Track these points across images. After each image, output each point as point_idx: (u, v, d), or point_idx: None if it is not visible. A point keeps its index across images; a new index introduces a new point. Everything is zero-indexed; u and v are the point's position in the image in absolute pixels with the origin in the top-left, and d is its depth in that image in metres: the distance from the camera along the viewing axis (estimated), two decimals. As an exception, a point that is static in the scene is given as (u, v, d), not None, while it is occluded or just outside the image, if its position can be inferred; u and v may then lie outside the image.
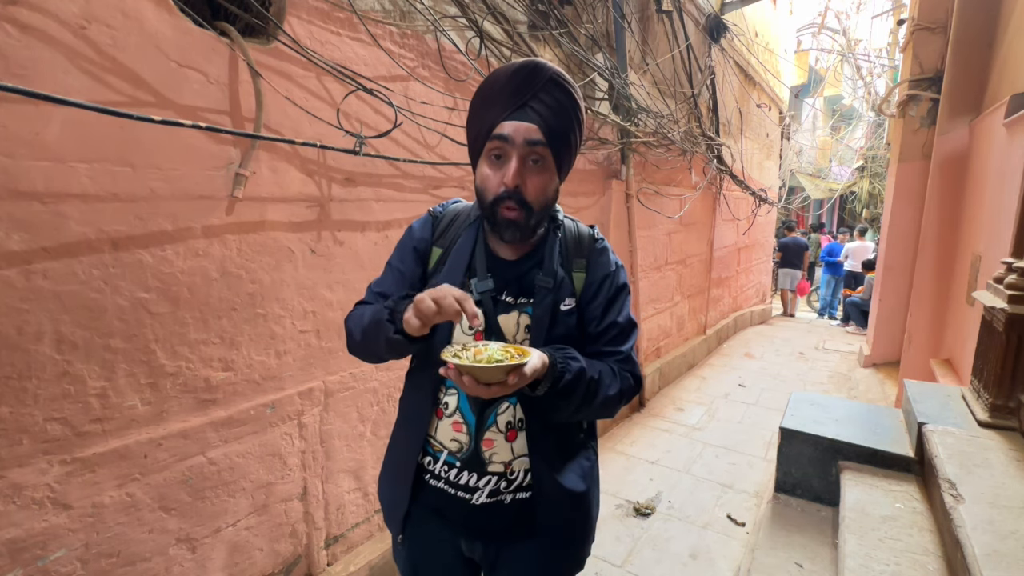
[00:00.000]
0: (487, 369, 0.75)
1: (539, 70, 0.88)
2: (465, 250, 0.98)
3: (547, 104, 0.88)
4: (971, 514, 1.45)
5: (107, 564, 1.27)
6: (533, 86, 0.87)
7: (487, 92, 0.91)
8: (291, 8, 1.50)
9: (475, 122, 0.93)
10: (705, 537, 2.42)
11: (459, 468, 0.96)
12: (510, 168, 0.87)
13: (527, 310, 0.95)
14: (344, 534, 1.88)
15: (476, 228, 1.00)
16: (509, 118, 0.87)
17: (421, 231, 1.03)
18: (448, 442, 0.96)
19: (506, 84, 0.88)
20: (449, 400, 0.97)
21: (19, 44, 1.03)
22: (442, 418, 0.97)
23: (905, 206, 4.49)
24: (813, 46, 12.05)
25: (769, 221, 8.30)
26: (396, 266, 1.02)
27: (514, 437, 0.95)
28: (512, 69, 0.88)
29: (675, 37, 3.99)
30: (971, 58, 3.48)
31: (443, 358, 0.78)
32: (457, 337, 0.94)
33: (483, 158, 0.92)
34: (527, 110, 0.87)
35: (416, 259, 1.01)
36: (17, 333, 1.09)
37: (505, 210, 0.89)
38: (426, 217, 1.05)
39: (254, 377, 1.53)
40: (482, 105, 0.91)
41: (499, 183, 0.89)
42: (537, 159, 0.89)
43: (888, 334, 4.85)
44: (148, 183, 1.25)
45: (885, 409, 2.62)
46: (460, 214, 1.04)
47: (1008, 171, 2.47)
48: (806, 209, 13.84)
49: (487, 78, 0.92)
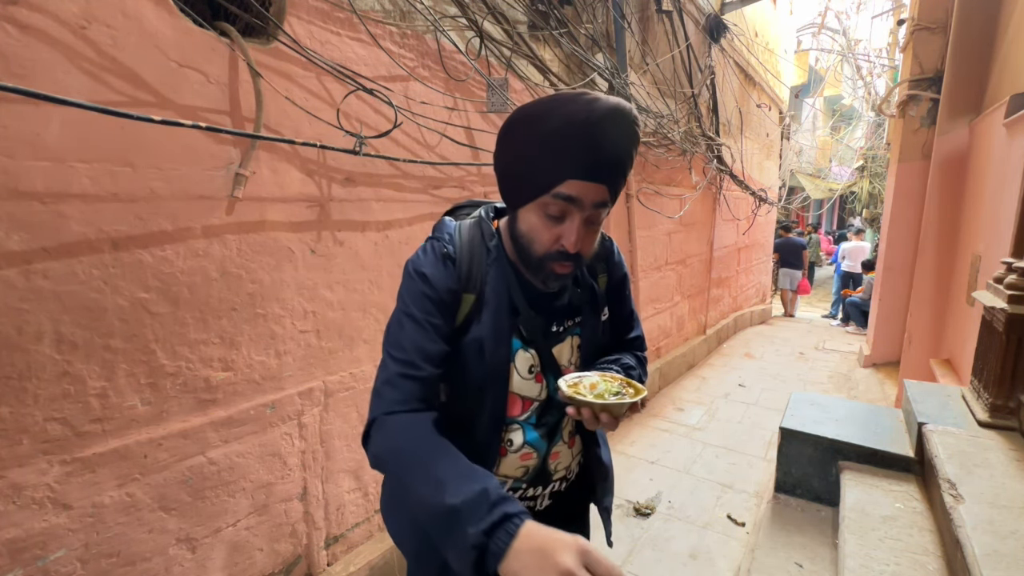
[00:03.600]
0: (619, 405, 0.78)
1: (624, 121, 0.75)
2: (502, 290, 0.86)
3: (621, 161, 0.78)
4: (971, 514, 1.45)
5: (107, 564, 1.27)
6: (613, 141, 0.75)
7: (550, 133, 0.75)
8: (291, 8, 1.50)
9: (527, 164, 0.78)
10: (705, 537, 2.41)
11: (524, 488, 0.95)
12: (572, 231, 0.77)
13: (575, 332, 0.94)
14: (344, 534, 1.88)
15: (503, 261, 0.88)
16: (577, 177, 0.75)
17: (443, 279, 0.83)
18: (513, 471, 0.93)
19: (582, 135, 0.73)
20: (514, 436, 0.90)
21: (19, 44, 1.03)
22: (506, 455, 0.91)
23: (905, 206, 4.49)
24: (813, 46, 12.05)
25: (769, 221, 8.30)
26: (424, 319, 0.82)
27: (574, 442, 0.99)
28: (595, 117, 0.73)
29: (675, 37, 3.99)
30: (971, 58, 3.48)
31: (574, 395, 0.77)
32: (517, 383, 0.89)
33: (535, 208, 0.79)
34: (600, 170, 0.76)
35: (445, 313, 0.84)
36: (17, 333, 1.09)
37: (558, 267, 0.81)
38: (439, 260, 0.85)
39: (254, 377, 1.53)
40: (539, 147, 0.76)
41: (554, 241, 0.79)
42: (597, 218, 0.81)
43: (888, 334, 4.85)
44: (148, 183, 1.25)
45: (885, 409, 2.62)
46: (472, 247, 0.87)
47: (1008, 171, 2.47)
48: (806, 209, 13.84)
49: (550, 112, 0.76)
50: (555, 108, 0.75)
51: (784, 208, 10.24)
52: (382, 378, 0.82)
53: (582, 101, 0.74)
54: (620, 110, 0.74)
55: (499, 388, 0.86)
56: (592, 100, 0.74)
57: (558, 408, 0.92)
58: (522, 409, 0.91)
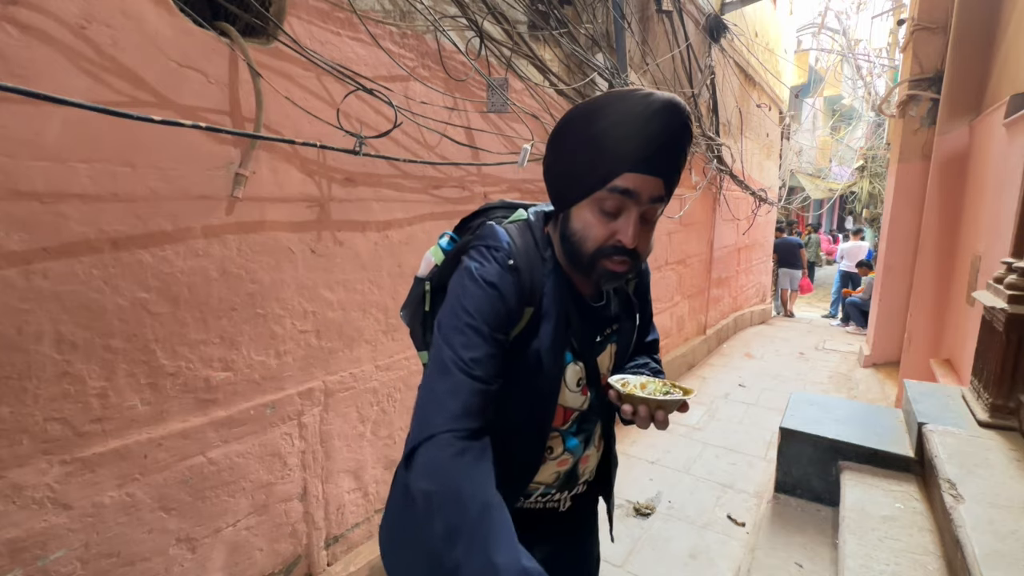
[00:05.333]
0: (675, 402, 0.81)
1: (680, 115, 0.74)
2: (558, 303, 0.84)
3: (676, 154, 0.77)
4: (971, 514, 1.45)
5: (107, 564, 1.27)
6: (670, 134, 0.75)
7: (607, 128, 0.75)
8: (291, 8, 1.50)
9: (582, 160, 0.78)
10: (705, 537, 2.41)
11: (555, 492, 0.95)
12: (629, 227, 0.77)
13: (614, 339, 0.94)
14: (344, 534, 1.88)
15: (558, 271, 0.85)
16: (635, 170, 0.74)
17: (512, 292, 0.79)
18: (547, 477, 0.92)
19: (640, 127, 0.74)
20: (553, 444, 0.90)
21: (19, 44, 1.03)
22: (544, 463, 0.90)
23: (905, 206, 4.49)
24: (813, 46, 12.06)
25: (769, 221, 8.30)
26: (493, 336, 0.77)
27: (601, 446, 1.00)
28: (652, 109, 0.73)
29: (675, 37, 3.99)
30: (971, 58, 3.48)
31: (632, 393, 0.80)
32: (565, 397, 0.88)
33: (589, 204, 0.78)
34: (656, 162, 0.75)
35: (509, 326, 0.80)
36: (17, 333, 1.08)
37: (612, 263, 0.79)
38: (505, 272, 0.80)
39: (254, 377, 1.53)
40: (596, 142, 0.76)
41: (609, 236, 0.78)
42: (653, 214, 0.80)
43: (888, 334, 4.85)
44: (148, 183, 1.25)
45: (885, 409, 2.62)
46: (530, 257, 0.83)
47: (1008, 171, 2.47)
48: (806, 209, 13.85)
49: (606, 107, 0.76)
50: (611, 103, 0.76)
51: (784, 208, 10.26)
52: (445, 385, 0.73)
53: (638, 95, 0.75)
54: (675, 103, 0.74)
55: (550, 402, 0.85)
56: (648, 94, 0.74)
57: (596, 414, 0.94)
58: (564, 419, 0.90)
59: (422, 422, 0.72)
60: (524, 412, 0.84)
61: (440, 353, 0.76)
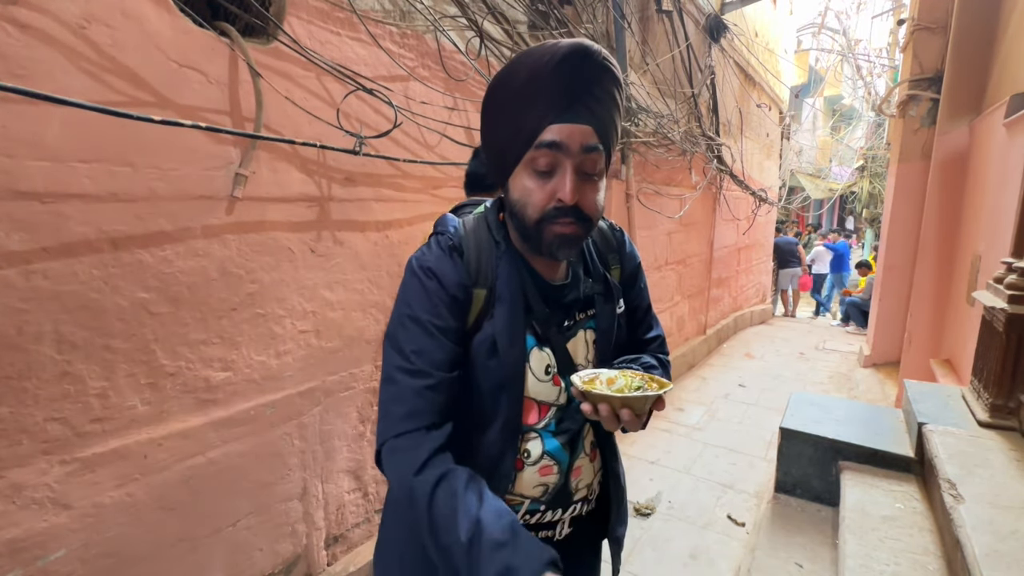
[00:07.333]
0: (641, 399, 0.70)
1: (591, 56, 0.71)
2: (514, 284, 0.80)
3: (598, 98, 0.73)
4: (971, 514, 1.45)
5: (107, 564, 1.27)
6: (585, 77, 0.71)
7: (521, 86, 0.72)
8: (291, 8, 1.50)
9: (505, 124, 0.75)
10: (705, 537, 2.41)
11: (543, 510, 0.86)
12: (565, 181, 0.73)
13: (589, 324, 0.88)
14: (344, 534, 1.88)
15: (513, 254, 0.82)
16: (558, 120, 0.71)
17: (453, 274, 0.78)
18: (531, 490, 0.84)
19: (551, 76, 0.70)
20: (531, 447, 0.83)
21: (19, 44, 1.03)
22: (523, 468, 0.84)
23: (905, 206, 4.49)
24: (813, 46, 12.06)
25: (769, 221, 8.31)
26: (432, 323, 0.76)
27: (596, 455, 0.93)
28: (559, 56, 0.70)
29: (675, 37, 3.99)
30: (971, 58, 3.48)
31: (589, 389, 0.71)
32: (532, 386, 0.83)
33: (523, 169, 0.75)
34: (578, 108, 0.72)
35: (456, 312, 0.78)
36: (17, 333, 1.08)
37: (558, 226, 0.74)
38: (445, 254, 0.79)
39: (254, 377, 1.53)
40: (514, 103, 0.74)
41: (549, 198, 0.74)
42: (592, 167, 0.75)
43: (888, 334, 4.85)
44: (148, 183, 1.25)
45: (885, 409, 2.62)
46: (479, 239, 0.82)
47: (1008, 171, 2.47)
48: (806, 209, 13.85)
49: (517, 66, 0.74)
50: (520, 60, 0.74)
51: (784, 208, 10.28)
52: (388, 394, 0.76)
53: (545, 47, 0.72)
54: (583, 45, 0.71)
55: (514, 392, 0.80)
56: (554, 43, 0.72)
57: (579, 413, 0.83)
58: (539, 416, 0.84)
59: (377, 434, 0.77)
60: (490, 402, 0.80)
61: (385, 360, 0.79)
